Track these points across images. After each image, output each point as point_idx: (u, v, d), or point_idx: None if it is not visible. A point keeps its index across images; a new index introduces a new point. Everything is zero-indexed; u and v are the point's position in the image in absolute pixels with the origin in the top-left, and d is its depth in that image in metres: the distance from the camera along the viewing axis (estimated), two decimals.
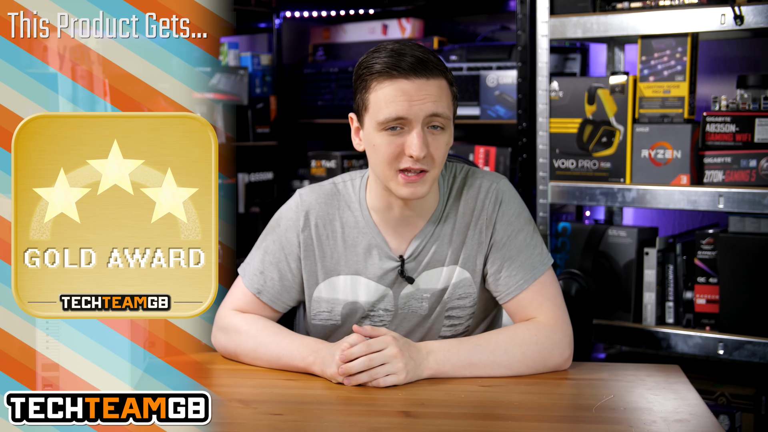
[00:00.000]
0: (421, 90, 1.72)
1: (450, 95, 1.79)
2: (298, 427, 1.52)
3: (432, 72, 1.74)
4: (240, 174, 3.60)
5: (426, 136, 1.73)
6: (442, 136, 1.76)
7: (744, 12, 2.55)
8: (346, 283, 1.86)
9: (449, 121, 1.78)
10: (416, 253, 1.85)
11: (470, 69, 3.31)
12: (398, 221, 1.84)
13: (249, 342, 1.82)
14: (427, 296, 1.86)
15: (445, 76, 1.78)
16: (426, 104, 1.72)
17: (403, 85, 1.72)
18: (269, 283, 1.88)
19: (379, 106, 1.73)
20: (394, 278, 1.85)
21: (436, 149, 1.74)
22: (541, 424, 1.52)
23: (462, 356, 1.74)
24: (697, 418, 1.54)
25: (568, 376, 1.76)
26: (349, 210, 1.87)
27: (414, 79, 1.72)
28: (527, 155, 3.03)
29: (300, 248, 1.87)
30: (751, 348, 2.61)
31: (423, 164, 1.73)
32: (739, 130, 2.63)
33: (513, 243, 1.84)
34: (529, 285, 1.82)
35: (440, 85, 1.76)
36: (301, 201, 1.89)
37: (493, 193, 1.86)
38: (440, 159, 1.76)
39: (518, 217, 1.86)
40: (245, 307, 1.89)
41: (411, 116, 1.72)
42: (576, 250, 2.93)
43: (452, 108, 1.80)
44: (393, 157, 1.74)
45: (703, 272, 2.74)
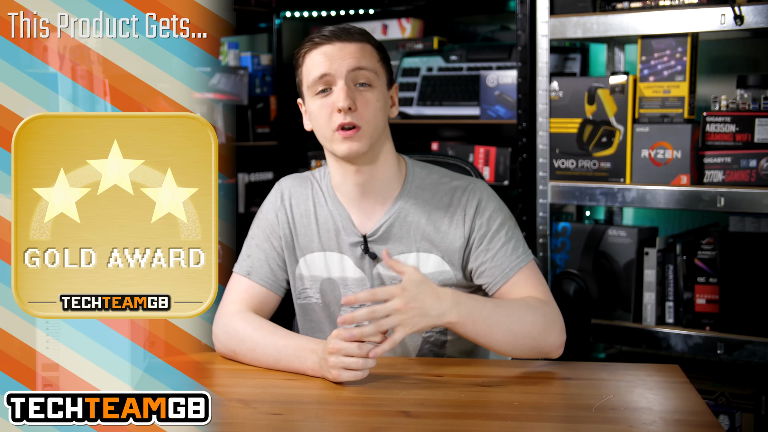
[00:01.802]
0: (342, 50, 1.83)
1: (377, 57, 1.87)
2: (298, 427, 1.52)
3: (353, 36, 1.85)
4: (240, 174, 3.60)
5: (352, 92, 1.81)
6: (371, 92, 1.83)
7: (744, 12, 2.55)
8: (321, 260, 1.92)
9: (377, 79, 1.85)
10: (380, 231, 1.88)
11: (470, 69, 3.31)
12: (359, 196, 1.89)
13: (247, 342, 1.83)
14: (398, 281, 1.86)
15: (369, 41, 1.87)
16: (346, 60, 1.82)
17: (325, 49, 1.84)
18: (257, 263, 1.94)
19: (308, 72, 1.85)
20: (361, 256, 1.89)
21: (364, 104, 1.82)
22: (541, 424, 1.52)
23: (485, 314, 1.74)
24: (697, 418, 1.54)
25: (568, 376, 1.76)
26: (320, 191, 1.95)
27: (335, 42, 1.83)
28: (527, 155, 3.03)
29: (279, 226, 1.95)
30: (751, 348, 2.61)
31: (353, 118, 1.80)
32: (739, 130, 2.63)
33: (496, 237, 1.87)
34: (516, 273, 1.85)
35: (362, 47, 1.85)
36: (278, 185, 2.02)
37: (470, 191, 1.90)
38: (371, 114, 1.82)
39: (498, 213, 1.89)
40: (242, 295, 1.92)
41: (333, 71, 1.81)
42: (576, 250, 2.93)
43: (383, 70, 1.87)
44: (327, 117, 1.83)
45: (703, 272, 2.74)
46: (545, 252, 2.94)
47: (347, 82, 1.81)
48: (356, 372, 1.66)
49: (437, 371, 1.78)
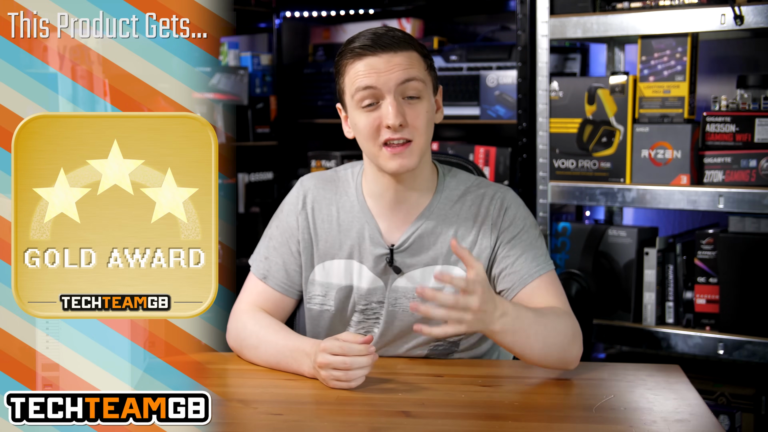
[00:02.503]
0: (389, 62, 1.76)
1: (424, 65, 1.81)
2: (298, 427, 1.52)
3: (399, 45, 1.77)
4: (240, 174, 3.60)
5: (401, 106, 1.75)
6: (420, 104, 1.77)
7: (744, 12, 2.55)
8: (340, 268, 1.88)
9: (426, 88, 1.79)
10: (407, 243, 1.85)
11: (470, 69, 3.31)
12: (392, 207, 1.85)
13: (251, 339, 1.83)
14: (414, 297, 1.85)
15: (415, 48, 1.80)
16: (395, 73, 1.75)
17: (371, 60, 1.76)
18: (274, 267, 1.91)
19: (352, 82, 1.78)
20: (384, 267, 1.85)
21: (415, 117, 1.76)
22: (541, 424, 1.52)
23: (526, 325, 1.67)
24: (697, 418, 1.54)
25: (568, 376, 1.76)
26: (346, 195, 1.90)
27: (381, 54, 1.76)
28: (527, 155, 3.03)
29: (299, 230, 1.90)
30: (751, 348, 2.61)
31: (404, 133, 1.75)
32: (739, 130, 2.63)
33: (518, 242, 1.83)
34: (535, 278, 1.81)
35: (410, 56, 1.78)
36: (301, 185, 1.94)
37: (498, 200, 1.86)
38: (422, 127, 1.77)
39: (524, 221, 1.86)
40: (257, 297, 1.91)
41: (381, 86, 1.75)
42: (576, 250, 2.93)
43: (430, 78, 1.81)
44: (373, 131, 1.76)
45: (703, 272, 2.74)
46: None
47: (396, 97, 1.75)
48: (349, 383, 1.65)
49: (437, 371, 1.78)
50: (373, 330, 1.88)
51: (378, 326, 1.88)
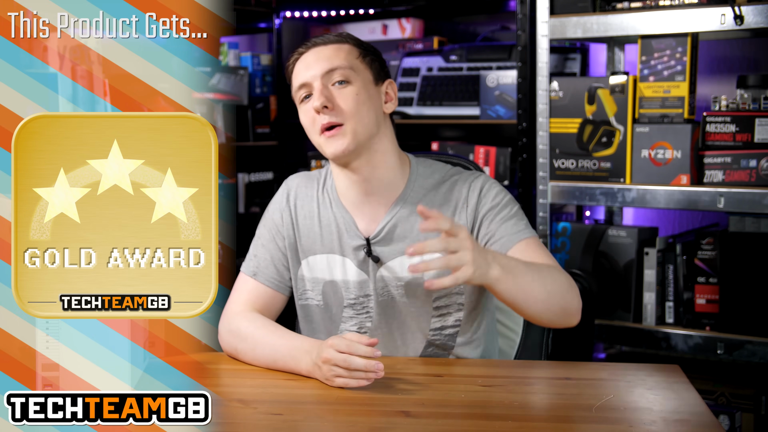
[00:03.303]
0: (317, 55, 1.85)
1: (356, 54, 1.86)
2: (298, 427, 1.52)
3: (330, 40, 1.87)
4: (240, 174, 3.60)
5: (328, 90, 1.81)
6: (348, 88, 1.82)
7: (744, 12, 2.55)
8: (323, 262, 1.91)
9: (355, 74, 1.84)
10: (383, 232, 1.87)
11: (470, 69, 3.31)
12: (360, 201, 1.88)
13: (247, 341, 1.83)
14: (401, 284, 1.86)
15: (347, 41, 1.88)
16: (320, 63, 1.83)
17: (304, 58, 1.86)
18: (263, 263, 1.94)
19: (293, 84, 1.88)
20: (363, 258, 1.88)
21: (342, 100, 1.81)
22: (541, 424, 1.52)
23: (522, 271, 1.68)
24: (697, 418, 1.54)
25: (568, 376, 1.76)
26: (323, 191, 1.94)
27: (312, 49, 1.86)
28: (527, 155, 3.03)
29: (284, 227, 1.95)
30: (751, 348, 2.61)
31: (331, 117, 1.81)
32: (739, 130, 2.63)
33: (500, 213, 1.85)
34: (519, 242, 1.81)
35: (339, 47, 1.86)
36: (286, 184, 2.00)
37: (475, 186, 1.88)
38: (351, 109, 1.81)
39: (501, 197, 1.88)
40: (248, 296, 1.92)
41: (309, 78, 1.83)
42: (576, 250, 2.93)
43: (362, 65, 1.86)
44: (311, 122, 1.84)
45: (703, 272, 2.74)
46: None
47: (323, 83, 1.82)
48: (348, 380, 1.65)
49: (437, 371, 1.78)
50: (366, 324, 1.90)
51: (370, 320, 1.89)
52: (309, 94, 1.84)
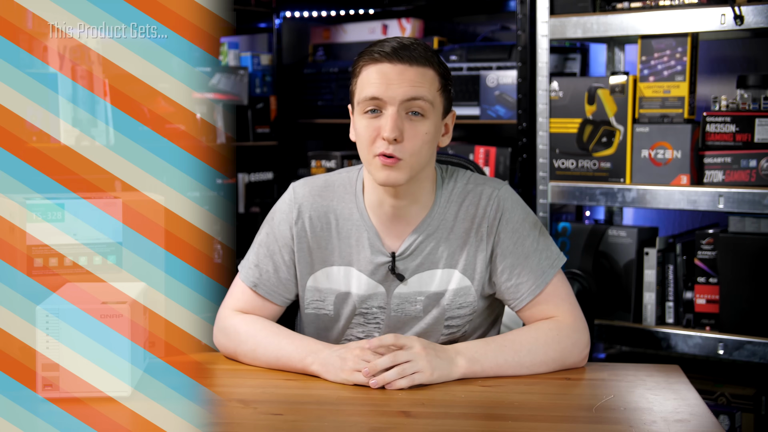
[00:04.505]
0: (401, 74, 1.73)
1: (438, 86, 1.77)
2: (298, 427, 1.52)
3: (416, 59, 1.74)
4: (240, 174, 3.60)
5: (402, 121, 1.73)
6: (422, 124, 1.75)
7: (744, 12, 2.55)
8: (339, 274, 1.87)
9: (433, 109, 1.76)
10: (409, 251, 1.84)
11: (470, 69, 3.31)
12: (391, 217, 1.84)
13: (248, 342, 1.82)
14: (421, 299, 1.85)
15: (433, 66, 1.77)
16: (404, 87, 1.73)
17: (384, 68, 1.74)
18: (265, 275, 1.89)
19: (362, 87, 1.76)
20: (385, 274, 1.85)
21: (412, 136, 1.73)
22: (541, 424, 1.52)
23: (490, 357, 1.73)
24: (697, 418, 1.54)
25: (568, 376, 1.76)
26: (344, 202, 1.88)
27: (396, 63, 1.73)
28: (527, 155, 3.03)
29: (293, 241, 1.88)
30: (751, 348, 2.61)
31: (395, 150, 1.72)
32: (739, 130, 2.63)
33: (520, 250, 1.83)
34: (541, 290, 1.82)
35: (424, 72, 1.75)
36: (294, 194, 1.91)
37: (494, 200, 1.84)
38: (416, 148, 1.74)
39: (522, 223, 1.85)
40: (245, 304, 1.89)
41: (386, 98, 1.73)
42: (576, 250, 2.93)
43: (440, 99, 1.79)
44: (371, 139, 1.75)
45: (703, 272, 2.74)
46: None
47: (399, 111, 1.72)
48: (369, 371, 1.67)
49: None
50: (374, 334, 1.88)
51: (378, 331, 1.88)
52: (378, 109, 1.74)
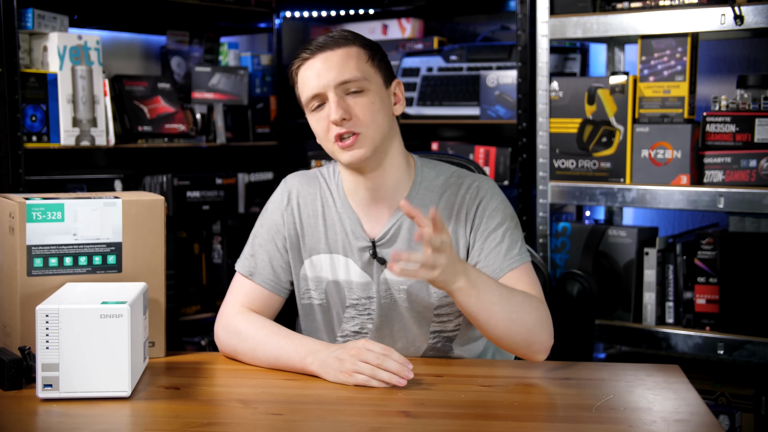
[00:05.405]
0: (327, 61, 1.80)
1: (365, 57, 1.83)
2: (298, 427, 1.52)
3: (336, 42, 1.82)
4: (240, 174, 3.60)
5: (343, 101, 1.79)
6: (363, 97, 1.80)
7: (744, 12, 2.55)
8: (327, 262, 1.90)
9: (369, 82, 1.81)
10: (388, 234, 1.87)
11: (470, 69, 3.31)
12: (369, 202, 1.88)
13: (248, 342, 1.83)
14: (404, 287, 1.87)
15: (355, 43, 1.83)
16: (332, 72, 1.79)
17: (312, 64, 1.81)
18: (260, 264, 1.92)
19: (302, 90, 1.84)
20: (368, 260, 1.87)
21: (359, 110, 1.80)
22: (541, 424, 1.52)
23: (489, 288, 1.71)
24: (697, 418, 1.54)
25: (568, 376, 1.76)
26: (329, 191, 1.93)
27: (319, 54, 1.81)
28: (527, 155, 3.03)
29: (285, 227, 1.93)
30: (751, 348, 2.61)
31: (349, 126, 1.79)
32: (739, 130, 2.63)
33: (491, 236, 1.85)
34: (506, 273, 1.82)
35: (347, 52, 1.81)
36: (285, 183, 1.98)
37: (474, 189, 1.88)
38: (368, 118, 1.80)
39: (497, 212, 1.87)
40: (244, 297, 1.91)
41: (322, 88, 1.80)
42: (576, 250, 2.93)
43: (373, 69, 1.84)
44: (324, 129, 1.81)
45: (703, 272, 2.74)
46: (545, 252, 2.94)
47: (337, 94, 1.79)
48: (369, 379, 1.66)
49: (437, 371, 1.78)
50: (367, 326, 1.90)
51: (372, 322, 1.90)
52: (322, 102, 1.81)
